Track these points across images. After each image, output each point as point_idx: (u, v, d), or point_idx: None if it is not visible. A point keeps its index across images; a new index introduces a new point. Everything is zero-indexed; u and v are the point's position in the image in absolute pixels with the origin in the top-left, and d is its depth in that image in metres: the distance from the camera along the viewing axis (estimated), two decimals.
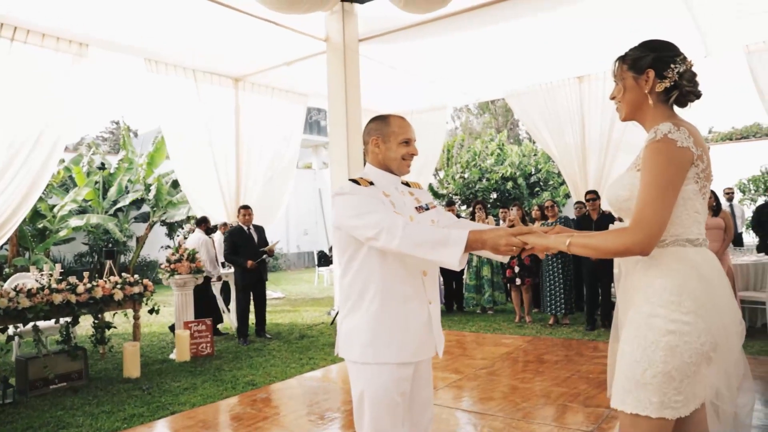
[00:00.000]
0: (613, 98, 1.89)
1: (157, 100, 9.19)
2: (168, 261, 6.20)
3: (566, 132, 10.76)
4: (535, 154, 16.88)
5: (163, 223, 14.62)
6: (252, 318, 7.20)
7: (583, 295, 7.34)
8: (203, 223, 7.90)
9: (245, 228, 7.05)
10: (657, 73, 1.76)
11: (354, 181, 2.15)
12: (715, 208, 6.11)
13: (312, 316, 8.81)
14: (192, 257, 6.21)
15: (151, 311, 5.79)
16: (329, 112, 8.95)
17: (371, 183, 2.14)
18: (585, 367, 5.05)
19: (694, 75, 1.77)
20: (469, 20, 8.21)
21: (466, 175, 17.02)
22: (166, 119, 9.23)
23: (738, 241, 9.00)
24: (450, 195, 16.74)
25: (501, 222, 8.78)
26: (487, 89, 12.11)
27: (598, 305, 7.05)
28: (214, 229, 8.07)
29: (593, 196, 7.07)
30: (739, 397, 1.74)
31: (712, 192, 6.13)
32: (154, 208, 14.00)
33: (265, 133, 10.54)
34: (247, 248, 6.86)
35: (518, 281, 7.59)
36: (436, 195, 16.85)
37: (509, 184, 16.20)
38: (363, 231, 1.98)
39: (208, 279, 7.30)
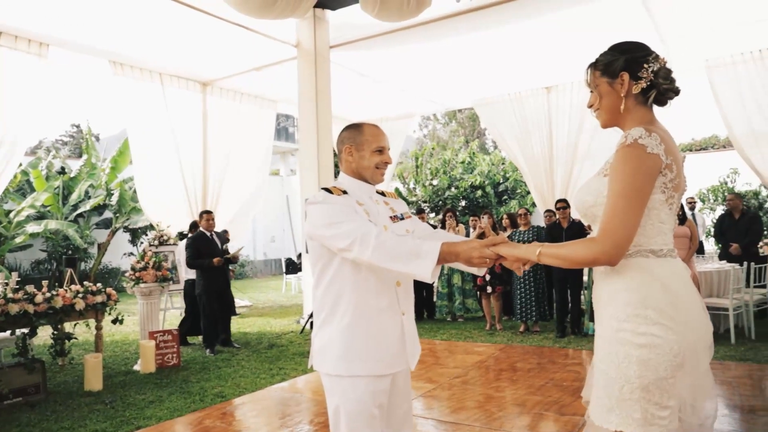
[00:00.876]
0: (590, 106, 1.84)
1: (121, 103, 8.95)
2: (133, 269, 6.00)
3: (534, 141, 10.91)
4: (503, 163, 17.07)
5: (126, 229, 14.22)
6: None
7: (553, 302, 7.42)
8: (194, 228, 7.80)
9: (208, 233, 6.89)
10: (631, 75, 1.71)
11: (327, 190, 2.12)
12: (681, 217, 6.24)
13: (281, 324, 8.65)
14: (158, 265, 6.02)
15: (114, 321, 5.59)
16: (299, 118, 8.86)
17: (345, 192, 2.11)
18: (558, 375, 5.07)
19: (670, 72, 1.72)
20: (440, 29, 8.26)
21: (435, 183, 17.09)
22: (131, 123, 8.99)
23: (699, 249, 9.24)
24: (419, 202, 16.78)
25: (471, 230, 8.80)
26: (456, 98, 12.21)
27: (568, 312, 7.11)
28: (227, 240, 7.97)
29: (563, 204, 7.15)
30: (705, 409, 1.72)
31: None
32: (117, 214, 13.61)
33: (233, 139, 10.37)
34: (211, 254, 6.70)
35: (489, 289, 7.61)
36: (406, 202, 16.83)
37: (478, 193, 16.33)
38: (335, 241, 1.95)
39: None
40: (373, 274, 2.02)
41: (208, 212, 7.02)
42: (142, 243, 14.04)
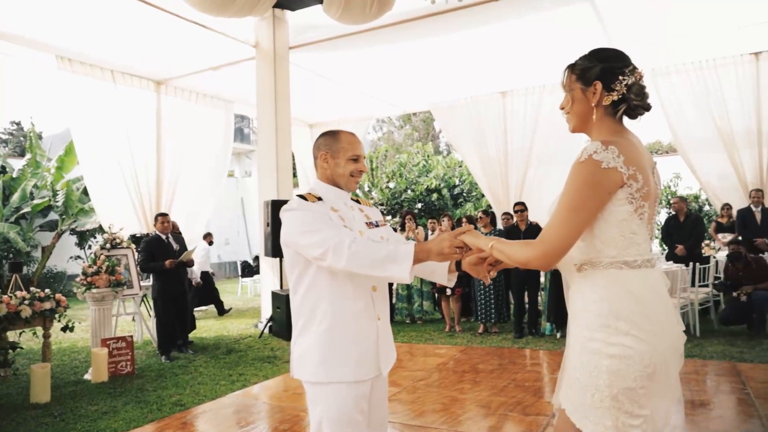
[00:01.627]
0: (562, 108, 1.84)
1: (68, 100, 8.57)
2: (84, 273, 5.75)
3: (489, 145, 11.09)
4: (459, 166, 17.27)
5: (73, 231, 13.64)
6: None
7: (510, 304, 7.55)
8: (206, 236, 7.65)
9: (163, 236, 6.69)
10: (605, 86, 1.70)
11: (301, 197, 2.12)
12: None
13: (238, 328, 8.49)
14: (112, 269, 5.80)
15: (64, 329, 5.36)
16: (258, 120, 8.74)
17: (319, 198, 2.13)
18: (520, 376, 5.16)
19: (643, 88, 1.72)
20: (399, 33, 8.30)
21: (391, 186, 17.15)
22: (78, 121, 8.63)
23: None
24: (375, 204, 16.80)
25: (430, 232, 8.87)
26: (414, 101, 12.30)
27: (525, 313, 7.25)
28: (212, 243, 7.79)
29: (521, 207, 7.28)
30: (673, 416, 1.79)
31: None
32: (63, 216, 13.03)
33: (188, 140, 10.12)
34: (165, 257, 6.50)
35: (448, 291, 7.67)
36: None
37: (434, 196, 16.47)
38: (309, 250, 1.96)
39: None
40: (349, 280, 2.03)
41: (164, 215, 6.83)
42: (90, 246, 13.50)
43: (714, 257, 7.57)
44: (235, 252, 19.30)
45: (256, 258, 16.05)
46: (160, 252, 6.55)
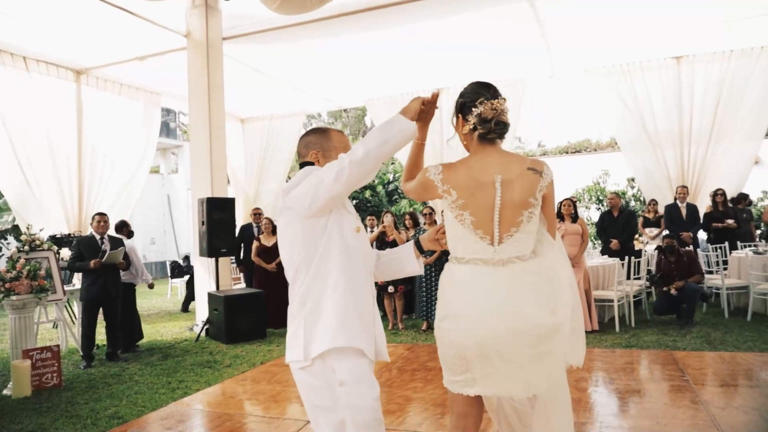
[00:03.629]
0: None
1: None
2: (2, 279, 5.25)
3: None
4: (392, 162, 17.31)
5: None
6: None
7: None
8: (124, 228, 7.09)
9: (97, 236, 6.26)
10: (463, 117, 2.13)
11: (310, 163, 2.21)
12: (573, 216, 6.65)
13: (172, 332, 8.08)
14: (34, 274, 5.32)
15: None
16: (190, 114, 8.34)
17: None
18: None
19: (489, 117, 2.06)
20: (337, 26, 8.16)
21: None
22: None
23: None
24: None
25: (369, 230, 8.79)
26: (349, 96, 12.17)
27: None
28: (133, 233, 7.21)
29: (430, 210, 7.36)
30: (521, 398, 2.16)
31: (571, 201, 6.69)
32: None
33: (112, 134, 9.54)
34: (94, 258, 6.07)
35: (391, 289, 7.63)
36: None
37: (368, 192, 16.41)
38: (327, 180, 1.93)
39: (134, 290, 6.86)
40: (357, 252, 2.09)
41: (101, 214, 6.39)
42: (1, 249, 12.48)
43: (644, 251, 7.94)
44: (162, 252, 18.47)
45: (186, 257, 15.41)
46: (90, 253, 6.12)
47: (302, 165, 2.20)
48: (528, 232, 2.06)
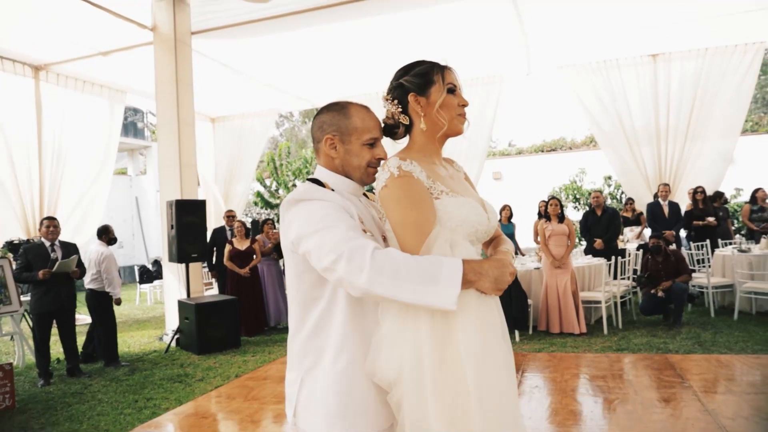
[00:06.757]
0: None
1: None
2: None
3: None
4: None
5: None
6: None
7: None
8: (104, 234, 6.53)
9: (47, 243, 5.81)
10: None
11: (315, 181, 1.61)
12: (560, 216, 6.45)
13: (140, 343, 7.65)
14: None
15: None
16: (157, 112, 7.91)
17: (332, 190, 1.61)
18: None
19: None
20: (309, 20, 7.83)
21: (298, 184, 16.58)
22: None
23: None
24: None
25: None
26: (323, 94, 11.82)
27: None
28: (115, 240, 6.71)
29: None
30: None
31: (557, 200, 6.49)
32: None
33: (74, 133, 9.04)
34: (44, 267, 5.63)
35: None
36: (269, 205, 16.15)
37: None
38: (317, 256, 1.41)
39: (110, 300, 6.35)
40: (374, 304, 1.51)
41: (50, 218, 5.92)
42: None
43: (628, 251, 7.80)
44: (130, 256, 17.85)
45: (156, 262, 14.89)
46: (39, 261, 5.66)
47: (312, 168, 1.78)
48: None
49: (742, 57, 8.93)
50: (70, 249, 5.96)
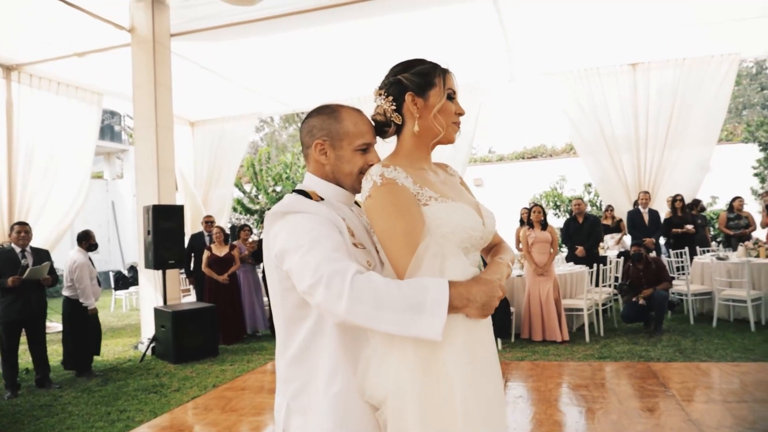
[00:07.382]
0: None
1: None
2: None
3: (381, 145, 10.81)
4: None
5: None
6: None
7: None
8: (84, 240, 6.27)
9: (17, 249, 5.61)
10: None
11: (302, 193, 1.50)
12: (543, 223, 6.44)
13: (114, 351, 7.45)
14: None
15: None
16: (135, 115, 7.75)
17: (322, 200, 1.51)
18: None
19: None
20: (290, 24, 7.75)
21: (278, 189, 16.40)
22: None
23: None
24: (263, 209, 15.96)
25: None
26: (304, 99, 11.72)
27: None
28: (96, 246, 6.46)
29: None
30: None
31: (540, 207, 6.47)
32: None
33: (48, 136, 8.81)
34: (13, 274, 5.43)
35: None
36: (249, 210, 15.95)
37: None
38: (297, 275, 1.32)
39: (85, 310, 6.10)
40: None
41: (21, 224, 5.73)
42: None
43: (609, 258, 7.83)
44: (106, 261, 17.47)
45: (132, 268, 14.61)
46: (8, 268, 5.46)
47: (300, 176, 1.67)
48: None
49: (718, 67, 9.07)
50: (41, 255, 5.77)
